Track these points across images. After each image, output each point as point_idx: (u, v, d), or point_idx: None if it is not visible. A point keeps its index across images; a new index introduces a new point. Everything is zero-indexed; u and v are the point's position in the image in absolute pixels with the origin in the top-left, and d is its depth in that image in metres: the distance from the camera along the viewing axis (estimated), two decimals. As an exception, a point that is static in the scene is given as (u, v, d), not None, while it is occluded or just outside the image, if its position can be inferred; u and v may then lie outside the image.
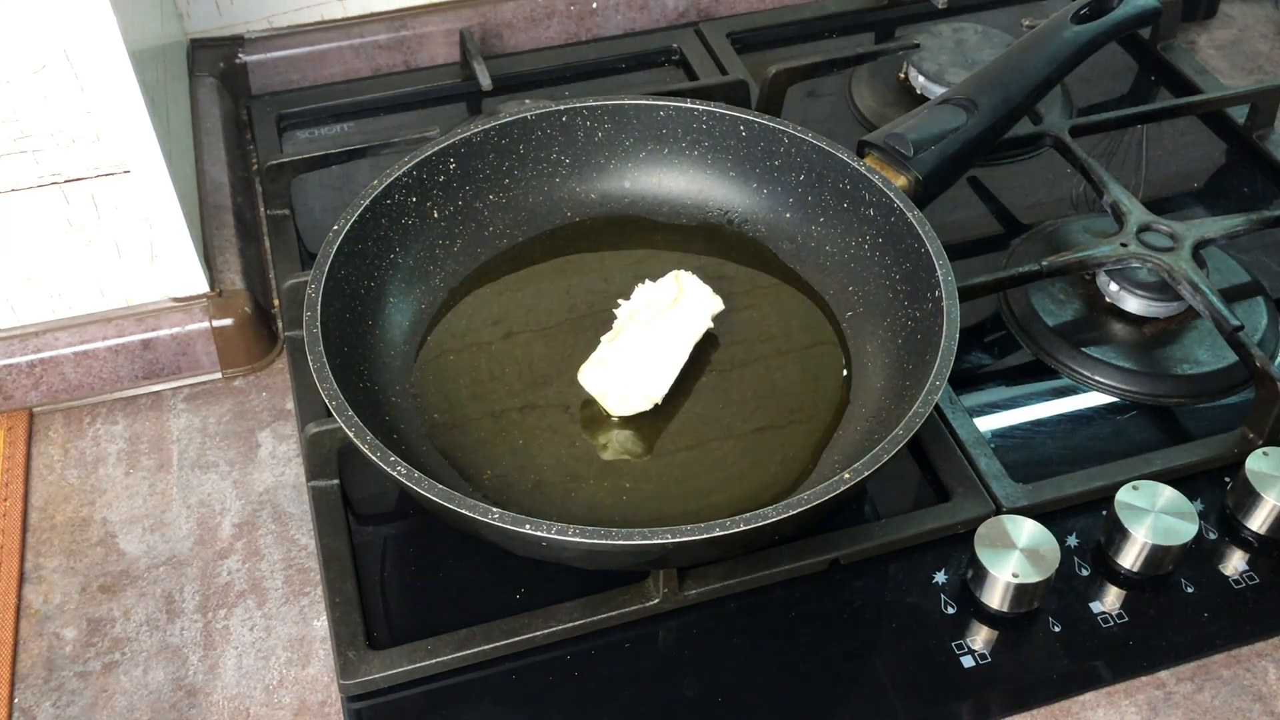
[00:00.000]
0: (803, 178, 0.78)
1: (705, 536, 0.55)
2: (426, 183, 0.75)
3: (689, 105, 0.79)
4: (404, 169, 0.74)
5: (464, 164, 0.77)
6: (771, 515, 0.55)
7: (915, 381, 0.65)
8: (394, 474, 0.57)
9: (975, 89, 0.81)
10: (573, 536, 0.55)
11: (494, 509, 0.56)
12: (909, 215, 0.71)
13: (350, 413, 0.59)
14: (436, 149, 0.75)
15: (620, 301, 0.73)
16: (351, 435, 0.59)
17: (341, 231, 0.69)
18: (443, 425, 0.69)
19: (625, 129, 0.80)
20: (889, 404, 0.68)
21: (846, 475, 0.58)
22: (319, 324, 0.64)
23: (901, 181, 0.76)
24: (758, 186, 0.80)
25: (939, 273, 0.68)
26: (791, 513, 0.56)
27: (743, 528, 0.55)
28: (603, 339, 0.71)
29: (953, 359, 0.63)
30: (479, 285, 0.77)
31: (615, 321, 0.72)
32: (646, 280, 0.73)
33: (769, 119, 0.77)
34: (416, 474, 0.57)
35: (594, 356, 0.70)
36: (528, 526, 0.55)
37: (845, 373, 0.72)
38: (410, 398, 0.70)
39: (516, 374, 0.72)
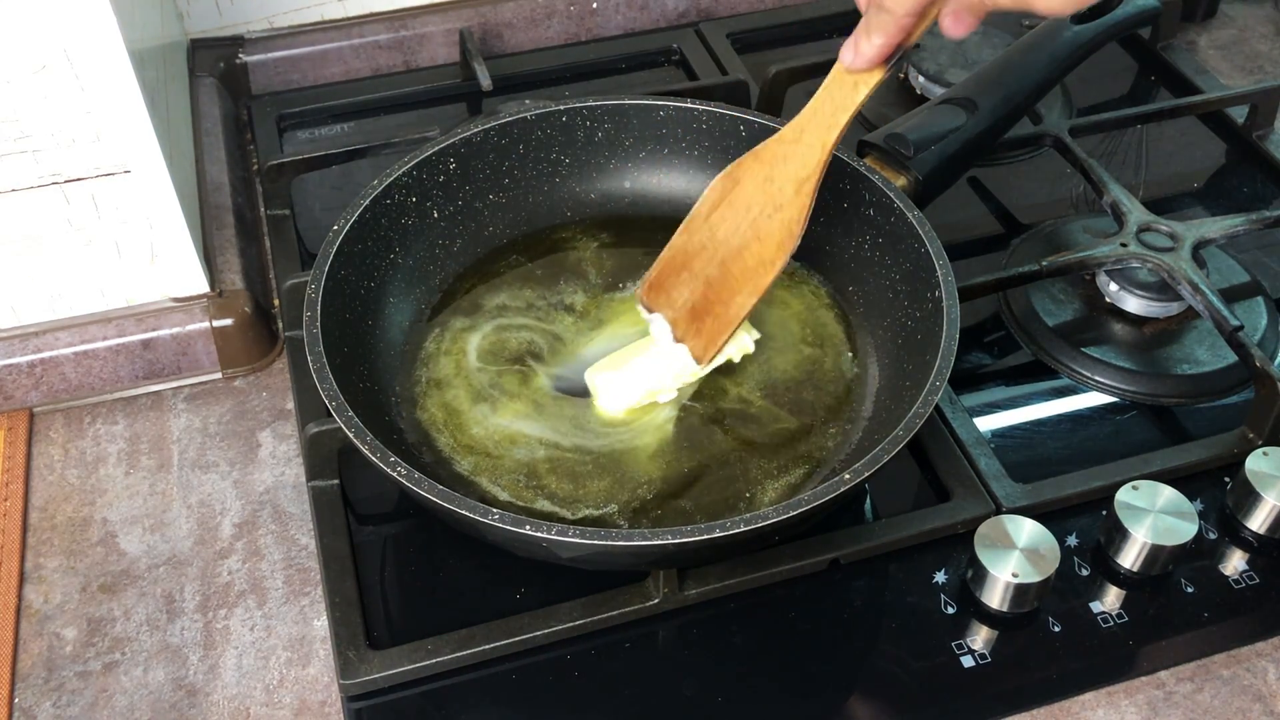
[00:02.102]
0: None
1: (705, 538, 0.55)
2: (426, 183, 0.75)
3: (689, 105, 0.79)
4: (404, 169, 0.74)
5: (464, 164, 0.77)
6: (772, 516, 0.55)
7: (915, 382, 0.65)
8: (394, 474, 0.57)
9: (975, 89, 0.81)
10: (573, 537, 0.55)
11: (494, 509, 0.56)
12: (909, 215, 0.71)
13: (350, 413, 0.59)
14: (436, 149, 0.75)
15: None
16: (351, 435, 0.59)
17: (341, 231, 0.69)
18: (442, 425, 0.69)
19: (625, 129, 0.80)
20: (889, 404, 0.68)
21: (847, 476, 0.58)
22: (319, 324, 0.64)
23: (901, 181, 0.76)
24: None
25: (939, 273, 0.68)
26: (792, 513, 0.56)
27: (743, 529, 0.55)
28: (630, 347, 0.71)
29: (953, 359, 0.63)
30: (479, 285, 0.77)
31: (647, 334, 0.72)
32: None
33: (769, 119, 0.77)
34: (416, 474, 0.57)
35: (609, 360, 0.70)
36: (528, 527, 0.55)
37: (847, 372, 0.72)
38: (410, 397, 0.70)
39: (516, 372, 0.72)
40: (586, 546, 0.56)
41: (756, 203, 0.68)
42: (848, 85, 0.65)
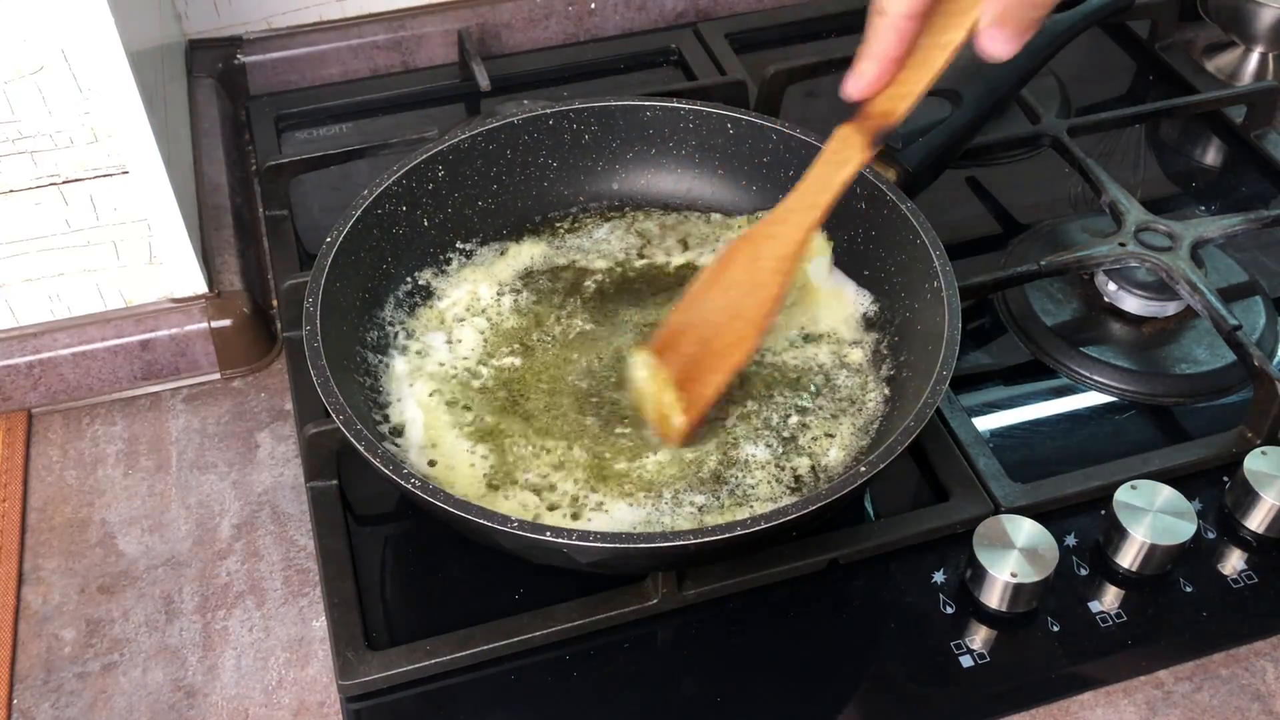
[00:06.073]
0: (792, 174, 0.77)
1: (728, 536, 0.55)
2: (416, 191, 0.75)
3: (675, 105, 0.78)
4: (393, 178, 0.73)
5: (452, 171, 0.76)
6: (792, 511, 0.55)
7: (917, 372, 0.65)
8: (407, 486, 0.57)
9: (957, 80, 0.81)
10: (594, 542, 0.55)
11: (511, 517, 0.55)
12: (902, 207, 0.71)
13: (359, 426, 0.59)
14: (424, 157, 0.75)
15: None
16: (362, 449, 0.58)
17: (335, 244, 0.69)
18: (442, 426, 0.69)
19: (612, 130, 0.80)
20: (892, 396, 0.69)
21: (863, 468, 0.58)
22: (319, 338, 0.63)
23: (891, 174, 0.76)
24: (747, 184, 0.80)
25: (936, 263, 0.68)
26: (812, 508, 0.56)
27: (764, 525, 0.55)
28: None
29: (957, 347, 0.63)
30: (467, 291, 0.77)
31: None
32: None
33: (756, 116, 0.77)
34: (431, 485, 0.57)
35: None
36: (547, 534, 0.55)
37: (849, 368, 0.72)
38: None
39: (513, 373, 0.72)
40: (608, 550, 0.55)
41: (741, 282, 0.66)
42: (833, 165, 0.63)
